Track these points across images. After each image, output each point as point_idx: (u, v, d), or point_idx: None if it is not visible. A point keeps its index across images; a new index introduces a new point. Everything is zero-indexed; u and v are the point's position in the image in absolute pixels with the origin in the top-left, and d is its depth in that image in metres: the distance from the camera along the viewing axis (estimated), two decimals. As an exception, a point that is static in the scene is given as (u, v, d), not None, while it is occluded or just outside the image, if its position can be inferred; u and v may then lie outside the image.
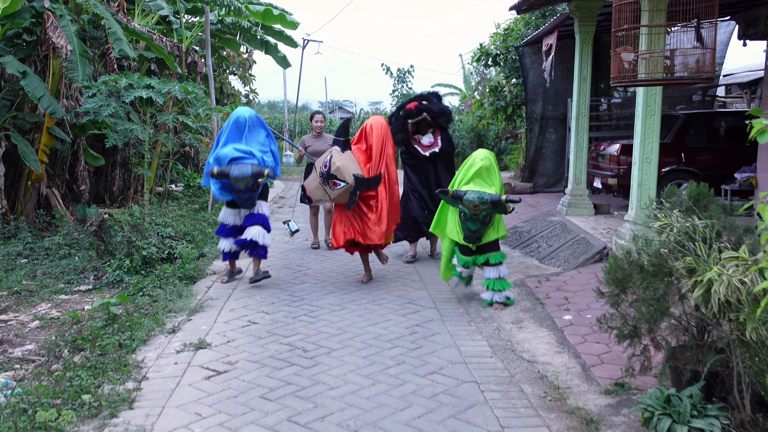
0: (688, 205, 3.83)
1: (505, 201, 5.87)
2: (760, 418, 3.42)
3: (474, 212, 5.89)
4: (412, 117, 7.99)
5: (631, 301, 3.92)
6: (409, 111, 8.01)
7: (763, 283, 2.83)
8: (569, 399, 4.19)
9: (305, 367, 4.73)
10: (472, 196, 5.88)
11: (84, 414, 3.91)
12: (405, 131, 8.03)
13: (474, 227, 5.94)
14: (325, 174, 6.82)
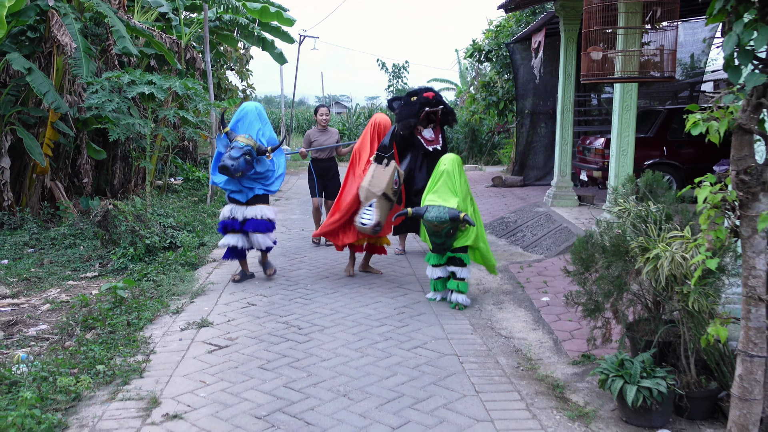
0: (643, 192, 4.24)
1: (462, 219, 5.84)
2: (703, 380, 3.84)
3: (435, 230, 5.93)
4: (430, 106, 7.73)
5: (594, 279, 4.33)
6: (428, 99, 7.74)
7: (698, 257, 3.24)
8: (540, 369, 4.61)
9: (300, 342, 5.14)
10: (432, 215, 5.89)
11: (99, 381, 4.32)
12: (417, 117, 7.72)
13: (439, 241, 5.99)
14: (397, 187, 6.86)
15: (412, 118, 7.66)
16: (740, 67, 3.04)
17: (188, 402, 4.07)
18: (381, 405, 4.03)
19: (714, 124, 3.15)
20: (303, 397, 4.15)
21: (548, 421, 3.83)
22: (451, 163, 6.27)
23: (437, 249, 6.07)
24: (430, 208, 5.96)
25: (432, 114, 7.82)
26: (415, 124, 7.73)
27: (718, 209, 3.26)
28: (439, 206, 5.96)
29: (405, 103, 7.86)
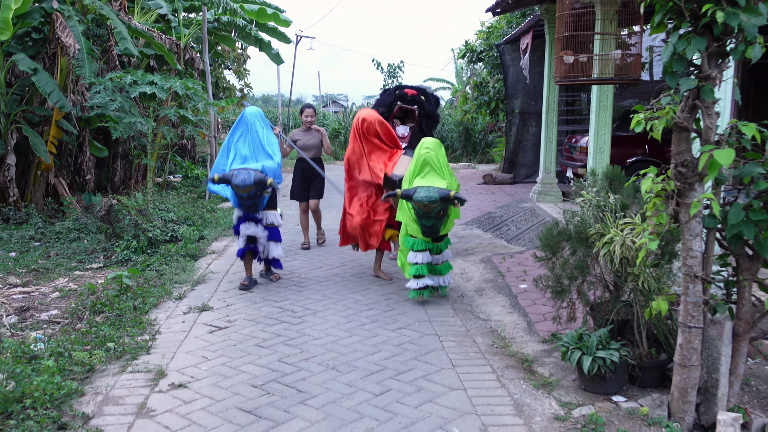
0: (602, 185, 4.68)
1: (454, 197, 5.84)
2: (653, 352, 4.28)
3: (425, 210, 5.86)
4: (403, 101, 7.56)
5: (561, 263, 4.77)
6: (404, 95, 7.58)
7: (641, 240, 3.67)
8: (512, 346, 5.05)
9: (293, 324, 5.57)
10: (422, 195, 5.84)
11: (110, 356, 4.75)
12: (389, 109, 7.56)
13: (429, 223, 5.94)
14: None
15: (382, 107, 7.55)
16: (676, 73, 3.47)
17: (192, 374, 4.50)
18: (365, 376, 4.46)
19: (656, 123, 3.58)
20: (295, 369, 4.58)
21: (515, 389, 4.27)
22: (434, 146, 6.24)
23: (428, 232, 6.01)
24: (419, 189, 5.91)
25: (410, 112, 7.67)
26: (383, 114, 7.39)
27: (662, 198, 3.69)
28: (428, 186, 5.91)
29: (387, 93, 7.82)
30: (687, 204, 3.58)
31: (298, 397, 4.14)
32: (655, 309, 3.71)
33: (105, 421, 3.80)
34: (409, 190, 5.99)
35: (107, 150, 12.95)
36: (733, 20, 3.24)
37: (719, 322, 3.79)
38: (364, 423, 3.79)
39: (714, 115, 3.51)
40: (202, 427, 3.74)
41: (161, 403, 4.05)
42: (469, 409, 3.99)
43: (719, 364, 3.77)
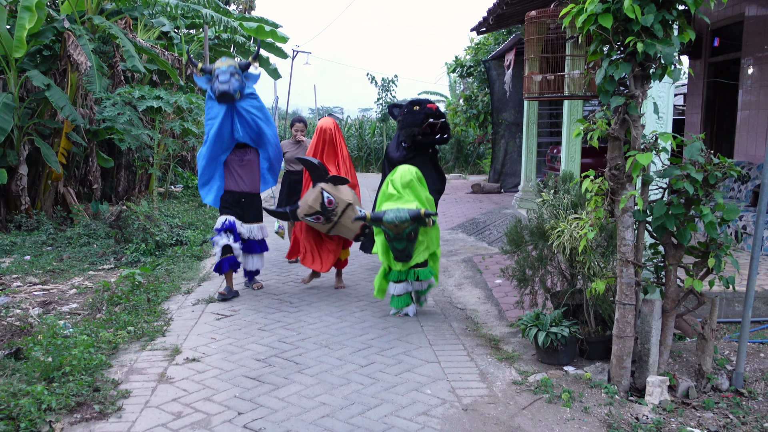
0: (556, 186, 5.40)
1: (424, 215, 5.79)
2: (599, 329, 4.98)
3: (396, 232, 5.78)
4: (434, 117, 7.57)
5: (523, 255, 5.48)
6: (432, 111, 7.58)
7: (583, 230, 4.39)
8: (483, 330, 5.75)
9: (291, 312, 6.27)
10: (390, 216, 5.76)
11: (131, 337, 5.43)
12: (421, 128, 7.52)
13: (400, 246, 5.82)
14: (320, 213, 6.58)
15: (415, 127, 7.52)
16: (608, 92, 4.20)
17: (203, 351, 5.19)
18: (353, 352, 5.16)
19: (592, 134, 4.31)
20: (293, 347, 5.28)
21: (482, 362, 4.97)
22: (405, 174, 6.22)
23: (400, 257, 5.89)
24: (388, 211, 5.84)
25: (435, 125, 7.66)
26: (419, 134, 7.55)
27: (601, 196, 4.42)
28: (397, 209, 5.84)
29: (408, 112, 7.66)
30: (619, 201, 4.30)
31: (295, 368, 4.84)
32: (594, 289, 4.43)
33: (132, 386, 4.49)
34: (378, 213, 5.92)
35: (113, 161, 13.64)
36: (651, 49, 3.97)
37: (650, 300, 4.50)
38: (351, 386, 4.49)
39: (640, 126, 4.24)
40: (214, 390, 4.43)
41: (178, 373, 4.74)
42: (441, 376, 4.70)
43: (650, 336, 4.48)
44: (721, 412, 4.18)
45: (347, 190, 6.76)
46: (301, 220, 6.78)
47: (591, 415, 4.06)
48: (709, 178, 4.16)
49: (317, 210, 6.54)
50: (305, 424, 3.92)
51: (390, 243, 5.90)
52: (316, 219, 6.61)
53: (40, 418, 3.81)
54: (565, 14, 4.37)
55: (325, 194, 6.55)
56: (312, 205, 6.57)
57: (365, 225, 6.64)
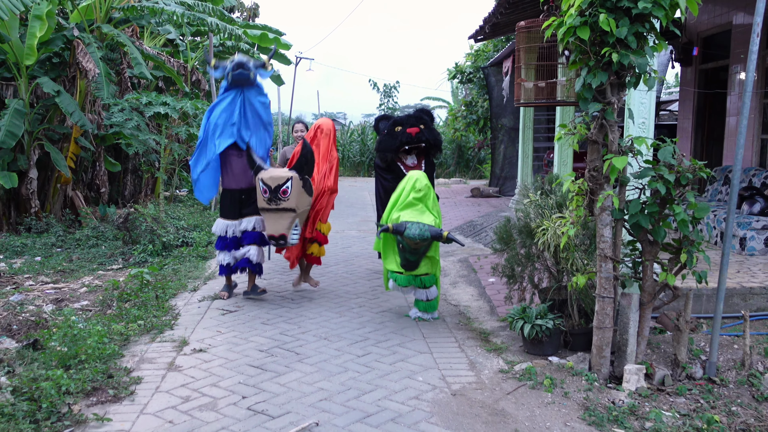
0: (543, 188, 5.71)
1: (446, 237, 5.89)
2: (582, 322, 5.29)
3: (415, 247, 5.85)
4: (410, 144, 7.42)
5: (512, 254, 5.78)
6: (409, 136, 7.38)
7: (564, 228, 4.69)
8: (474, 324, 6.06)
9: (292, 308, 6.59)
10: (414, 232, 5.77)
11: (141, 330, 5.75)
12: (396, 153, 7.49)
13: (413, 258, 5.92)
14: (270, 195, 6.56)
15: (389, 152, 7.50)
16: (587, 99, 4.51)
17: (209, 342, 5.51)
18: (351, 344, 5.47)
19: (572, 138, 4.62)
20: (294, 339, 5.59)
21: (472, 353, 5.27)
22: (419, 181, 6.22)
23: (408, 266, 5.97)
24: (410, 225, 5.81)
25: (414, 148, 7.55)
26: (392, 159, 7.52)
27: (581, 196, 4.73)
28: (419, 223, 5.84)
29: (388, 133, 7.56)
30: (597, 200, 4.61)
31: (296, 357, 5.15)
32: (575, 282, 4.74)
33: (143, 373, 4.80)
34: (400, 226, 5.86)
35: (120, 165, 13.98)
36: (625, 59, 4.29)
37: (628, 294, 4.81)
38: (348, 374, 4.80)
39: (617, 131, 4.55)
40: (220, 377, 4.74)
41: (186, 362, 5.05)
42: (433, 365, 5.00)
43: (629, 328, 4.78)
44: (693, 397, 4.48)
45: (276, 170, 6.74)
46: (256, 179, 6.72)
47: (570, 399, 4.36)
48: (680, 179, 4.46)
49: (272, 186, 6.55)
50: (305, 406, 4.23)
51: (402, 252, 5.95)
52: (264, 192, 6.59)
53: (60, 400, 4.13)
54: (547, 26, 4.69)
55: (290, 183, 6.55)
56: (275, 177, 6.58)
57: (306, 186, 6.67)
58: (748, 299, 6.10)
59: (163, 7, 12.04)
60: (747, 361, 4.87)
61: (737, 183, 4.77)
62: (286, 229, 6.58)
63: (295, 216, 6.63)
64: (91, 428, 3.93)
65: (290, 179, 6.55)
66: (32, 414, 3.96)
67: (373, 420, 4.05)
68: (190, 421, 4.03)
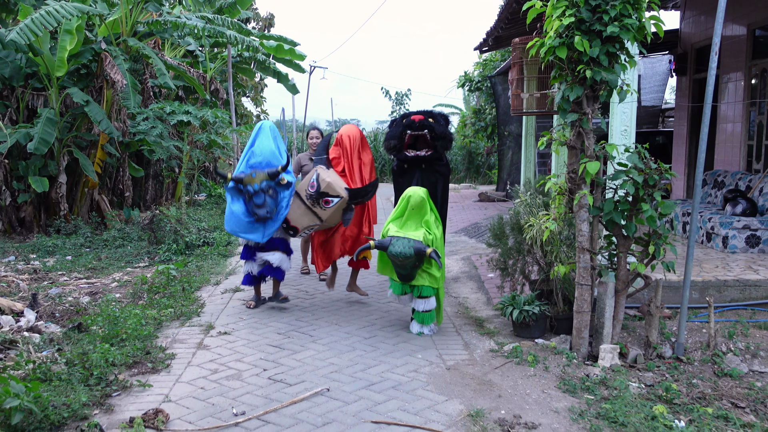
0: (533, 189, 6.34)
1: (428, 255, 5.77)
2: (566, 309, 5.89)
3: (399, 263, 5.82)
4: (413, 129, 7.32)
5: (507, 248, 6.40)
6: (412, 122, 7.35)
7: (546, 224, 5.31)
8: (472, 313, 6.68)
9: (307, 298, 7.25)
10: (396, 250, 5.73)
11: (172, 317, 6.42)
12: (400, 140, 7.35)
13: (404, 272, 5.88)
14: (314, 194, 6.62)
15: (393, 139, 7.45)
16: (565, 109, 5.13)
17: (233, 327, 6.17)
18: (359, 328, 6.12)
19: (554, 143, 5.24)
20: (308, 324, 6.24)
21: (467, 336, 5.89)
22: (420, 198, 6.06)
23: (403, 278, 5.94)
24: (394, 242, 5.79)
25: (422, 137, 7.41)
26: (395, 146, 7.43)
27: (562, 195, 5.35)
28: (403, 239, 5.78)
29: (395, 124, 7.60)
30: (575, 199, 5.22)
31: (309, 339, 5.80)
32: (557, 271, 5.35)
33: (176, 351, 5.47)
34: (384, 242, 5.87)
35: (143, 170, 14.72)
36: (597, 76, 4.91)
37: (605, 282, 5.41)
38: (356, 352, 5.44)
39: (592, 138, 5.17)
40: (243, 354, 5.40)
41: (213, 342, 5.72)
42: (431, 346, 5.63)
43: (605, 312, 5.39)
44: (660, 373, 5.07)
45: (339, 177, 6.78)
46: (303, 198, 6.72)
47: (550, 373, 4.97)
48: (648, 180, 5.07)
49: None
50: (317, 377, 4.87)
51: (394, 266, 5.93)
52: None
53: (108, 369, 4.79)
54: (531, 46, 5.32)
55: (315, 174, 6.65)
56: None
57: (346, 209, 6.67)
58: (722, 291, 6.67)
59: (185, 21, 12.77)
60: (712, 343, 5.45)
61: (699, 183, 5.37)
62: (303, 226, 6.71)
63: (319, 225, 6.73)
64: (135, 392, 4.59)
65: (340, 199, 6.62)
66: (85, 380, 4.63)
67: (377, 387, 4.68)
68: (219, 388, 4.68)
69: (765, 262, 7.50)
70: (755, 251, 8.09)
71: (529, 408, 4.35)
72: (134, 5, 13.04)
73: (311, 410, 4.29)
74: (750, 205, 8.39)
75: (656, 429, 3.94)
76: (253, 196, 6.34)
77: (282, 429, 4.02)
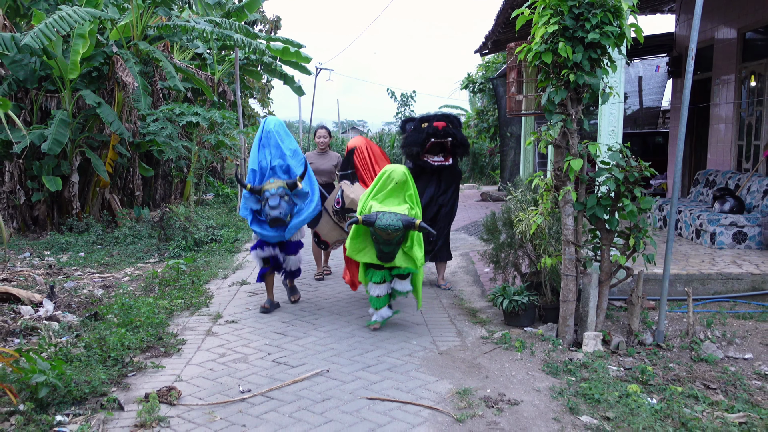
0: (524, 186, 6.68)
1: (419, 226, 5.79)
2: (554, 299, 6.23)
3: (387, 238, 5.72)
4: (437, 137, 7.25)
5: (499, 243, 6.74)
6: (436, 130, 7.23)
7: (533, 218, 5.65)
8: (466, 304, 7.02)
9: (310, 291, 7.61)
10: (384, 222, 5.66)
11: (182, 307, 6.79)
12: (422, 147, 7.28)
13: (387, 249, 5.80)
14: (339, 210, 6.79)
15: (415, 146, 7.29)
16: (551, 111, 5.47)
17: (239, 316, 6.54)
18: (358, 318, 6.49)
19: (541, 143, 5.59)
20: (310, 314, 6.61)
21: (460, 325, 6.24)
22: (402, 174, 6.08)
23: (384, 258, 5.87)
24: (381, 216, 5.73)
25: (442, 144, 7.40)
26: (418, 153, 7.32)
27: (549, 191, 5.69)
28: (391, 213, 5.76)
29: (415, 129, 7.43)
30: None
31: (312, 327, 6.16)
32: (543, 263, 5.70)
33: (186, 337, 5.84)
34: (370, 216, 5.78)
35: (152, 170, 15.12)
36: (580, 80, 5.25)
37: (589, 273, 5.75)
38: (355, 339, 5.80)
39: (576, 137, 5.51)
40: (249, 340, 5.77)
41: (221, 329, 6.09)
42: (426, 333, 5.99)
43: (589, 301, 5.72)
44: (640, 358, 5.41)
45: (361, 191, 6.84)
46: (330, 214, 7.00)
47: (536, 357, 5.31)
48: (629, 176, 5.40)
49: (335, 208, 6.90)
50: (318, 360, 5.24)
51: (377, 244, 5.85)
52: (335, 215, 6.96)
53: (124, 352, 5.16)
54: (519, 51, 5.66)
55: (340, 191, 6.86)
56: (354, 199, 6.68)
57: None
58: (706, 284, 7.00)
59: (194, 25, 13.17)
60: (690, 331, 5.78)
61: (678, 180, 5.70)
62: (332, 240, 7.23)
63: (345, 239, 6.71)
64: (150, 373, 4.96)
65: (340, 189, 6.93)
66: (103, 361, 5.00)
67: (373, 369, 5.04)
68: (226, 369, 5.05)
69: (749, 257, 7.82)
70: (741, 247, 8.40)
71: (513, 387, 4.70)
72: (145, 10, 13.44)
73: (311, 388, 4.65)
74: (737, 203, 8.70)
75: (628, 405, 4.28)
76: (269, 199, 6.36)
77: (284, 404, 4.38)
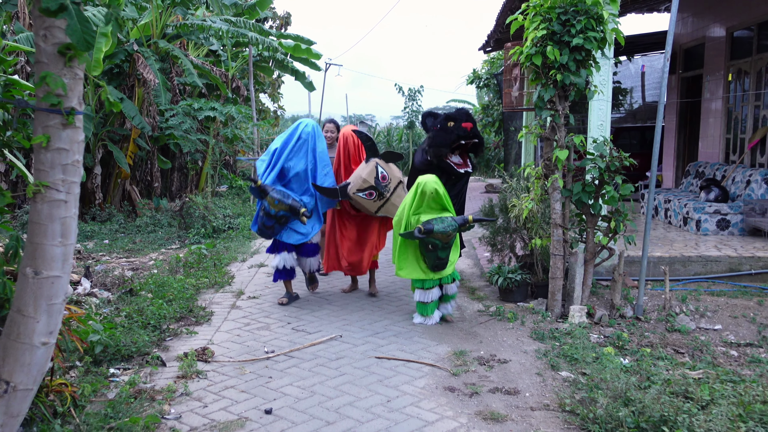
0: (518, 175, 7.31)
1: (472, 220, 6.02)
2: (545, 277, 6.87)
3: (445, 241, 5.84)
4: (467, 139, 6.91)
5: (495, 227, 7.38)
6: (465, 131, 6.88)
7: (525, 204, 6.29)
8: (466, 283, 7.68)
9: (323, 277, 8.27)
10: (441, 227, 5.77)
11: (207, 285, 7.47)
12: (451, 148, 6.90)
13: (444, 255, 5.91)
14: (385, 185, 6.57)
15: (445, 147, 6.88)
16: (541, 107, 6.10)
17: (260, 293, 7.22)
18: (367, 295, 7.13)
19: (532, 136, 6.22)
20: (325, 292, 7.31)
21: (461, 301, 6.90)
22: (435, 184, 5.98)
23: (440, 265, 5.97)
24: (435, 221, 5.83)
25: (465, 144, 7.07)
26: (446, 155, 6.94)
27: (539, 179, 6.33)
28: (441, 217, 5.89)
29: (441, 128, 7.00)
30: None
31: (326, 302, 6.87)
32: (533, 244, 6.34)
33: (214, 309, 6.52)
34: (427, 225, 5.80)
35: (170, 163, 15.81)
36: (567, 79, 5.88)
37: (575, 253, 6.39)
38: (364, 311, 6.48)
39: (563, 131, 6.14)
40: (270, 312, 6.45)
41: (244, 304, 6.77)
42: (429, 307, 6.64)
43: (575, 278, 6.36)
44: (619, 328, 6.05)
45: (397, 169, 6.81)
46: (353, 196, 6.61)
47: (525, 326, 5.97)
48: (610, 165, 6.03)
49: (371, 185, 6.50)
50: (332, 328, 5.91)
51: (432, 253, 5.89)
52: (369, 195, 6.54)
53: (161, 320, 5.85)
54: (513, 53, 6.30)
55: (379, 168, 6.56)
56: (366, 179, 6.48)
57: None
58: (687, 266, 7.62)
59: (210, 24, 13.83)
60: (667, 306, 6.41)
61: (655, 170, 6.33)
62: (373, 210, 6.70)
63: (403, 183, 6.76)
64: (184, 338, 5.64)
65: (376, 164, 6.59)
66: (143, 327, 5.68)
67: (380, 335, 5.71)
68: (251, 335, 5.73)
69: (730, 243, 8.43)
70: (725, 233, 9.01)
71: (504, 350, 5.36)
72: (164, 9, 14.11)
73: (327, 350, 5.32)
74: (722, 193, 9.31)
75: (602, 362, 4.93)
76: (267, 214, 6.45)
77: (304, 361, 5.05)
